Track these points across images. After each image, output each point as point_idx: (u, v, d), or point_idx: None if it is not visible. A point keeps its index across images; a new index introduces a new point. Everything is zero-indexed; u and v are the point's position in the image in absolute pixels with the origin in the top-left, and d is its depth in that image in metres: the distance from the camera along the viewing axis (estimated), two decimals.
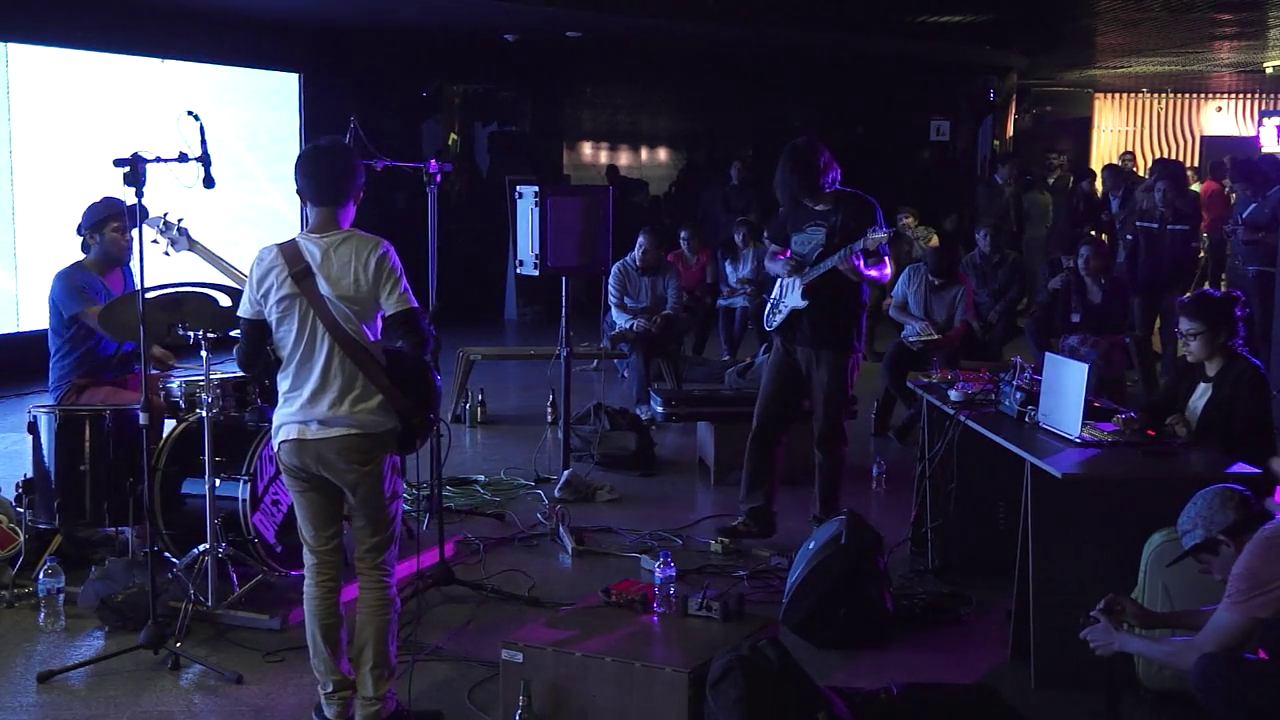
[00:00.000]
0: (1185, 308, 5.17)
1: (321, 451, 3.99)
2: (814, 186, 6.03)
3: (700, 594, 4.46)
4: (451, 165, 5.85)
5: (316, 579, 4.14)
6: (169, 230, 5.49)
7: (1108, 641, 3.90)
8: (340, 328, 3.97)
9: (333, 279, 3.97)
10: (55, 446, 5.40)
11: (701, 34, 14.13)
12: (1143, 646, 3.91)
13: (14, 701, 4.50)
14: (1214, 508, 3.80)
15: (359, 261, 3.97)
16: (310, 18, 12.67)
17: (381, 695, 4.08)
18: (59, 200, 10.05)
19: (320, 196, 4.07)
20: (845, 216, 6.05)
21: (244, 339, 4.14)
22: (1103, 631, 3.92)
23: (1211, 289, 5.90)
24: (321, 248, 4.00)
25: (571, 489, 7.02)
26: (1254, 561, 3.64)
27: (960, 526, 5.71)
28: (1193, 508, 3.86)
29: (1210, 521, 3.79)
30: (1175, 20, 13.83)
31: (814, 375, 6.17)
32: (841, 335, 6.13)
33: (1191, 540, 3.84)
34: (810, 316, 6.11)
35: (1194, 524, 3.83)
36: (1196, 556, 3.85)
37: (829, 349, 6.12)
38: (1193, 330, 5.09)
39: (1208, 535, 3.79)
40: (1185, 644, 3.76)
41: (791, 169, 6.03)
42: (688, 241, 11.04)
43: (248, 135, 12.08)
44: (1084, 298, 8.81)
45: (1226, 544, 3.75)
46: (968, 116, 17.82)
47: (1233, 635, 3.65)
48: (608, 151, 17.19)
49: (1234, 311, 5.13)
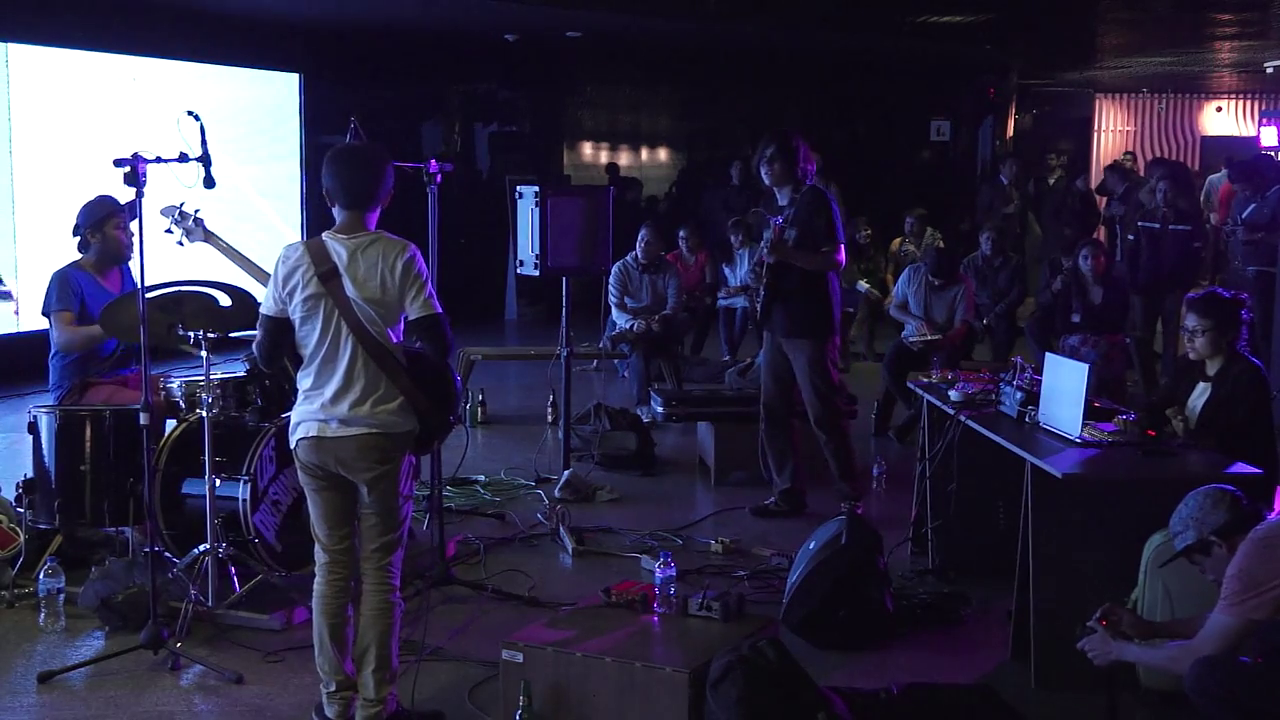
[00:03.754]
0: (1195, 304, 5.16)
1: (340, 450, 3.99)
2: (789, 175, 6.40)
3: (700, 594, 4.46)
4: (452, 165, 5.85)
5: (328, 577, 4.14)
6: (184, 220, 5.46)
7: (1105, 651, 3.91)
8: (364, 329, 3.96)
9: (359, 281, 3.95)
10: (56, 446, 5.40)
11: (701, 34, 14.13)
12: (1140, 654, 3.91)
13: (14, 702, 4.50)
14: (1205, 509, 3.80)
15: (386, 265, 3.95)
16: (310, 18, 12.66)
17: (383, 697, 4.09)
18: (59, 200, 10.06)
19: (348, 200, 4.03)
20: (798, 210, 6.39)
21: (265, 336, 4.11)
22: (1100, 641, 3.92)
23: (1221, 288, 5.88)
24: (349, 249, 3.97)
25: (572, 489, 7.02)
26: (1247, 563, 3.63)
27: (960, 526, 5.71)
28: (1184, 508, 3.86)
29: (1201, 523, 3.79)
30: (1175, 20, 13.83)
31: (794, 363, 6.52)
32: (810, 322, 6.47)
33: (1184, 541, 3.84)
34: (780, 306, 6.48)
35: (1185, 525, 3.83)
36: (1189, 558, 3.85)
37: (800, 336, 6.50)
38: (1200, 327, 5.09)
39: (1199, 536, 3.78)
40: (1182, 649, 3.76)
41: (775, 153, 6.37)
42: (686, 240, 11.04)
43: (248, 136, 12.07)
44: (1084, 298, 8.82)
45: (1219, 544, 3.75)
46: (968, 116, 17.81)
47: (1229, 638, 3.64)
48: (608, 151, 17.19)
49: (1241, 313, 5.14)
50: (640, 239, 9.59)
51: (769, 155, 6.41)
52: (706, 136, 17.60)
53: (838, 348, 6.63)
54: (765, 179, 6.54)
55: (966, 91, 17.72)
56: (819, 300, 6.45)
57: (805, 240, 6.38)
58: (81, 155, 9.92)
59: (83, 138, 10.30)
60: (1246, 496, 3.86)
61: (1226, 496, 3.81)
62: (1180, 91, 22.91)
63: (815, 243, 6.38)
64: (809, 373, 6.47)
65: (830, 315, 6.48)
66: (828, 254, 6.41)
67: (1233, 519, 3.75)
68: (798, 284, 6.42)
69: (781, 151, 6.39)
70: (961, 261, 9.61)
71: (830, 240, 6.39)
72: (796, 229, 6.38)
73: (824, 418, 6.52)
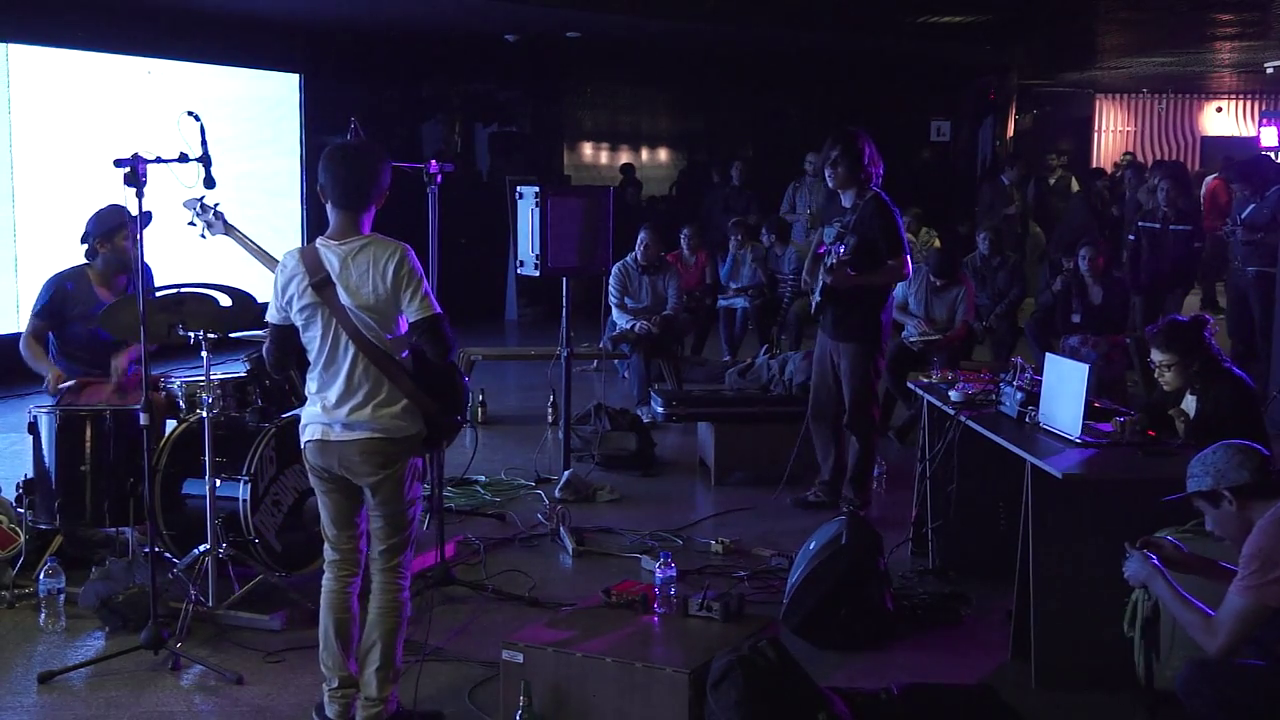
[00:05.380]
0: (1155, 338, 5.04)
1: (344, 453, 4.00)
2: (854, 178, 6.36)
3: (701, 594, 4.46)
4: (452, 165, 5.85)
5: (336, 574, 4.16)
6: (205, 213, 5.48)
7: (1143, 574, 3.78)
8: (363, 336, 3.96)
9: (351, 289, 3.94)
10: (56, 447, 5.40)
11: (701, 34, 14.13)
12: (1169, 597, 3.72)
13: (15, 702, 4.50)
14: (1231, 463, 3.66)
15: (377, 270, 3.94)
16: (310, 18, 12.66)
17: (384, 696, 4.09)
18: (59, 201, 10.07)
19: (341, 199, 4.01)
20: (859, 218, 6.35)
21: (273, 343, 4.15)
22: (1138, 564, 3.79)
23: (1178, 314, 5.79)
24: (340, 256, 3.97)
25: (572, 489, 7.02)
26: (1266, 541, 3.49)
27: (960, 527, 5.71)
28: (1210, 455, 3.71)
29: (1222, 474, 3.65)
30: (1175, 20, 13.83)
31: (840, 364, 6.54)
32: (856, 328, 6.47)
33: (1196, 485, 3.70)
34: (831, 308, 6.49)
35: (1205, 471, 3.70)
36: (1194, 502, 3.74)
37: (846, 340, 6.50)
38: (1166, 361, 4.99)
39: (1214, 486, 3.65)
40: (1204, 621, 3.60)
41: (840, 155, 6.33)
42: (688, 239, 11.03)
43: (247, 136, 12.07)
44: (1085, 298, 8.82)
45: (1230, 501, 3.63)
46: (968, 116, 17.82)
47: (1245, 622, 3.51)
48: (608, 152, 17.19)
49: (1203, 335, 5.00)
50: (639, 241, 9.58)
51: (834, 158, 6.37)
52: (706, 136, 17.60)
53: (884, 355, 6.61)
54: (830, 181, 6.51)
55: (967, 92, 17.73)
56: (870, 307, 6.44)
57: (865, 250, 6.34)
58: (81, 156, 9.92)
59: (83, 138, 10.30)
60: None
61: (1256, 458, 3.67)
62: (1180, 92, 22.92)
63: (874, 252, 6.35)
64: (849, 375, 6.50)
65: (878, 323, 6.49)
66: (894, 268, 6.40)
67: (1255, 482, 3.62)
68: (851, 290, 6.39)
69: (846, 154, 6.33)
70: (962, 262, 9.60)
71: (895, 253, 6.35)
72: (856, 237, 6.34)
73: (855, 422, 6.56)
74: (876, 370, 6.59)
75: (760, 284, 11.21)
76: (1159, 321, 5.26)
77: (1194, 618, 3.64)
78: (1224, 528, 3.70)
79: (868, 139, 6.42)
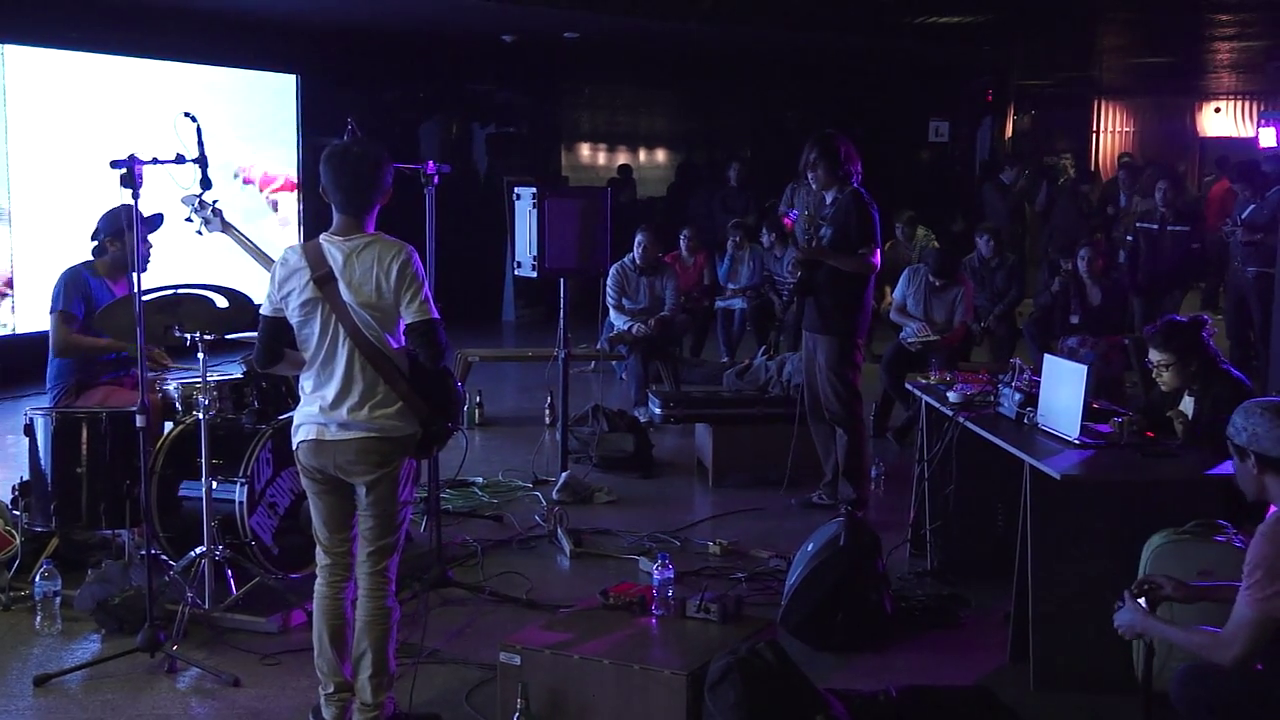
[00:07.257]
0: (1153, 338, 5.04)
1: (339, 453, 3.98)
2: (834, 177, 6.47)
3: (699, 596, 4.45)
4: (449, 166, 5.83)
5: (328, 579, 4.14)
6: (203, 210, 5.45)
7: (1137, 624, 3.73)
8: (362, 334, 3.94)
9: (354, 286, 3.93)
10: (52, 449, 5.38)
11: (701, 34, 14.12)
12: (1172, 633, 3.69)
13: (11, 705, 4.49)
14: (1272, 435, 3.53)
15: (381, 268, 3.92)
16: (308, 18, 12.65)
17: (379, 702, 4.07)
18: (56, 202, 10.06)
19: (343, 204, 3.99)
20: (836, 210, 6.47)
21: (263, 335, 4.09)
22: (1129, 613, 3.75)
23: (1176, 315, 5.75)
24: (344, 252, 3.95)
25: (570, 491, 7.00)
26: (1269, 549, 3.41)
27: (959, 528, 5.70)
28: (1258, 415, 3.58)
29: (1259, 438, 3.55)
30: (1175, 20, 13.83)
31: (815, 358, 6.60)
32: (831, 321, 6.53)
33: (1233, 434, 3.61)
34: (810, 301, 6.57)
35: (1245, 429, 3.59)
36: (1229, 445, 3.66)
37: (821, 332, 6.57)
38: (1163, 361, 4.99)
39: (1248, 444, 3.56)
40: (1213, 639, 3.54)
41: (818, 157, 6.45)
42: (687, 240, 11.02)
43: (246, 136, 12.06)
44: (1083, 299, 8.81)
45: (1254, 465, 3.56)
46: (967, 117, 17.80)
47: (1252, 631, 3.43)
48: (606, 152, 17.18)
49: (1201, 335, 5.00)
50: (637, 244, 9.58)
51: (812, 160, 6.49)
52: (705, 137, 17.58)
53: (860, 350, 6.64)
54: (812, 184, 6.63)
55: (965, 92, 17.71)
56: (845, 299, 6.50)
57: (839, 241, 6.44)
58: (78, 156, 9.90)
59: (79, 139, 10.28)
60: None
61: None
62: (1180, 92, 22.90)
63: (849, 244, 6.43)
64: (825, 370, 6.55)
65: (853, 315, 6.53)
66: (863, 256, 6.45)
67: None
68: (826, 281, 6.49)
69: (824, 155, 6.46)
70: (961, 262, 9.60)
71: (865, 243, 6.44)
72: (832, 229, 6.47)
73: (841, 417, 6.59)
74: (854, 363, 6.61)
75: (758, 284, 11.20)
76: (1157, 321, 5.25)
77: (1202, 640, 3.59)
78: (1241, 481, 3.66)
79: (844, 139, 6.54)
